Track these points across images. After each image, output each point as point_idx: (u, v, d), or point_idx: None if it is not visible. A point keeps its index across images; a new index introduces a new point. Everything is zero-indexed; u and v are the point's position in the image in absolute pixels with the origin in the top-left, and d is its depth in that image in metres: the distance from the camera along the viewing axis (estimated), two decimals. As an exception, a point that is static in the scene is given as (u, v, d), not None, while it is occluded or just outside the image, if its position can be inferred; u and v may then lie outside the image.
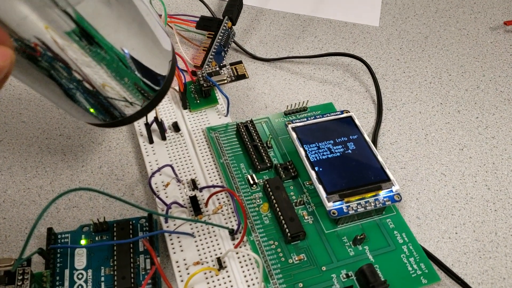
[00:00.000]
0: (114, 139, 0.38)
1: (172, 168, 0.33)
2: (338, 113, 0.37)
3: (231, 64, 0.39)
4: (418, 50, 0.47)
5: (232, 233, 0.31)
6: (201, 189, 0.34)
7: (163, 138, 0.36)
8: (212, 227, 0.32)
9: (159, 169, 0.33)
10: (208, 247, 0.31)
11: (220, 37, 0.42)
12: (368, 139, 0.35)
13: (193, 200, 0.32)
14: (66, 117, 0.39)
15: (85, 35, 0.20)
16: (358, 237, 0.31)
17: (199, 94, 0.39)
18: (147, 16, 0.23)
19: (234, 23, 0.43)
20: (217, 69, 0.38)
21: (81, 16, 0.19)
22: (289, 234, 0.30)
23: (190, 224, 0.32)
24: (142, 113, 0.24)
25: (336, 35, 0.48)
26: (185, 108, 0.38)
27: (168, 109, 0.39)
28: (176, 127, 0.37)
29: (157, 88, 0.24)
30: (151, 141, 0.36)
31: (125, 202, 0.26)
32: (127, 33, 0.21)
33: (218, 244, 0.31)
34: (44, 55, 0.20)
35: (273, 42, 0.47)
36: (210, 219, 0.32)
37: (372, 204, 0.31)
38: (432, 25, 0.50)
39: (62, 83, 0.21)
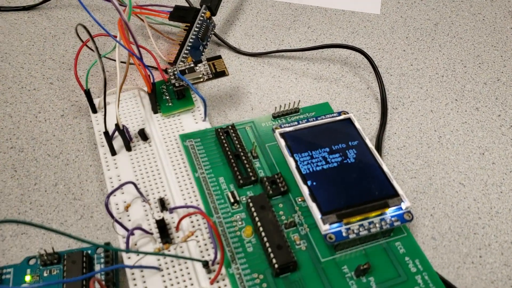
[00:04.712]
0: (73, 150, 0.33)
1: (135, 185, 0.28)
2: (335, 114, 0.33)
3: (208, 60, 0.34)
4: (427, 39, 0.44)
5: (206, 265, 0.26)
6: (171, 210, 0.28)
7: (128, 148, 0.31)
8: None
9: (119, 187, 0.28)
10: (178, 283, 0.26)
11: (196, 29, 0.37)
12: (371, 145, 0.30)
13: (161, 224, 0.27)
14: (20, 127, 0.34)
15: None
16: (362, 267, 0.26)
17: (172, 95, 0.34)
18: None
19: (214, 13, 0.38)
20: (192, 65, 0.33)
21: None
22: (276, 265, 0.25)
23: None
24: None
25: (332, 24, 0.44)
26: (155, 112, 0.33)
27: (134, 113, 0.33)
28: (143, 135, 0.32)
29: None
30: (113, 152, 0.31)
31: (63, 234, 0.21)
32: None
33: (190, 279, 0.26)
34: None
35: (260, 34, 0.43)
36: (181, 247, 0.27)
37: (377, 225, 0.27)
38: (442, 10, 0.47)
39: None
